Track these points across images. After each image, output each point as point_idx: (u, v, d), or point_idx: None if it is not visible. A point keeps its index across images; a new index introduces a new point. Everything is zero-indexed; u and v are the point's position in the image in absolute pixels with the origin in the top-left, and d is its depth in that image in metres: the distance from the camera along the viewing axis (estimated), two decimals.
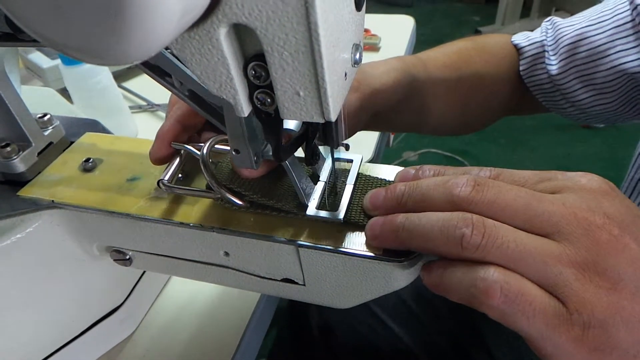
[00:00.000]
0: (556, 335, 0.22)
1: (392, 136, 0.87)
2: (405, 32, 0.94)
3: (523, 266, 0.22)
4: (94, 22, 0.14)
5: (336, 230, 0.29)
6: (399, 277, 0.29)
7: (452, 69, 0.52)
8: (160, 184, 0.32)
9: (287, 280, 0.32)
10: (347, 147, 0.31)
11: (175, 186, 0.32)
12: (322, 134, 0.27)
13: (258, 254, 0.31)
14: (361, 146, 0.64)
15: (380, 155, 0.69)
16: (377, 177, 0.32)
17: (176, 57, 0.24)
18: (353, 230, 0.29)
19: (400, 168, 0.32)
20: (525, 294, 0.22)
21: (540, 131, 1.99)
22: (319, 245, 0.28)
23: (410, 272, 0.28)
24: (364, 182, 0.31)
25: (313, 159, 0.28)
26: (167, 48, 0.23)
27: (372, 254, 0.28)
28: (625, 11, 0.47)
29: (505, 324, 0.23)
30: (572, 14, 0.54)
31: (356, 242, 0.28)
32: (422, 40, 1.01)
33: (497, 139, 1.99)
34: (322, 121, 0.21)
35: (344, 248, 0.28)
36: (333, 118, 0.21)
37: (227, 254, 0.32)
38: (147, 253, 0.36)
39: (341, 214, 0.29)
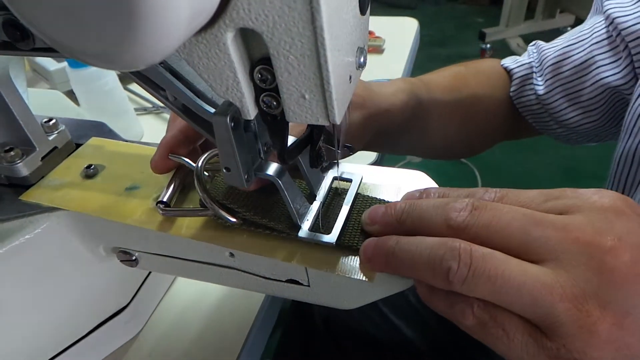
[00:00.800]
0: None
1: None
2: (409, 34, 0.94)
3: (512, 301, 0.21)
4: (108, 26, 0.14)
5: (329, 253, 0.29)
6: (401, 280, 0.29)
7: (452, 90, 0.53)
8: (158, 208, 0.32)
9: (292, 281, 0.33)
10: (351, 149, 0.32)
11: (171, 209, 0.32)
12: (328, 137, 0.28)
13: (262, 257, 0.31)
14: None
15: (385, 157, 0.69)
16: (376, 198, 0.31)
17: (172, 71, 0.24)
18: (347, 254, 0.29)
19: (399, 187, 0.32)
20: (506, 330, 0.21)
21: None
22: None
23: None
24: (362, 203, 0.31)
25: (318, 161, 0.29)
26: (161, 63, 0.23)
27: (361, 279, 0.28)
28: (602, 28, 0.48)
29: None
30: (576, 15, 0.55)
31: (350, 268, 0.28)
32: (426, 42, 1.01)
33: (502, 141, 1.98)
34: (327, 124, 0.21)
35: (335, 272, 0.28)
36: (338, 120, 0.21)
37: (232, 255, 0.33)
38: (153, 254, 0.36)
39: (334, 236, 0.28)
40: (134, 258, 0.37)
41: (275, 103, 0.22)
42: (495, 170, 1.83)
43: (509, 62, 0.57)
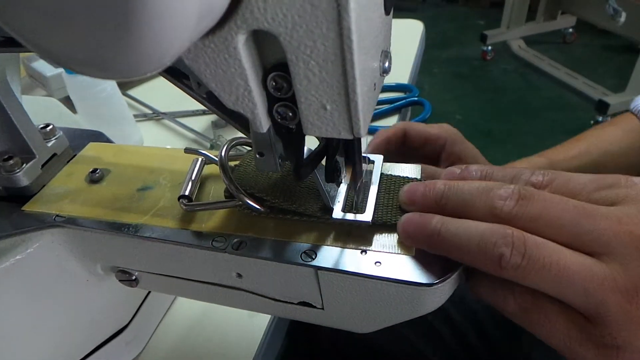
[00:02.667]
0: (582, 350, 0.21)
1: None
2: (415, 37, 0.92)
3: (562, 291, 0.21)
4: (100, 30, 0.12)
5: (364, 232, 0.27)
6: (426, 302, 0.26)
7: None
8: (181, 204, 0.30)
9: (304, 304, 0.30)
10: (371, 161, 0.30)
11: (195, 203, 0.30)
12: (343, 148, 0.25)
13: (273, 276, 0.29)
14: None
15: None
16: (400, 176, 0.30)
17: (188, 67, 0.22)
18: (382, 232, 0.27)
19: (418, 166, 0.31)
20: (548, 316, 0.21)
21: (549, 135, 1.97)
22: (340, 269, 0.26)
23: (439, 296, 0.26)
24: (388, 182, 0.30)
25: (335, 175, 0.26)
26: None
27: (397, 278, 0.25)
28: None
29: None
30: (578, 17, 0.54)
31: (386, 244, 0.26)
32: (427, 44, 0.98)
33: (505, 143, 1.96)
34: (350, 137, 0.19)
35: (367, 272, 0.26)
36: (363, 134, 0.19)
37: (239, 275, 0.30)
38: (154, 274, 0.33)
39: (369, 215, 0.27)
40: (133, 278, 0.34)
41: (291, 114, 0.19)
42: None
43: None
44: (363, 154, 0.31)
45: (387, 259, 0.26)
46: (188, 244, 0.29)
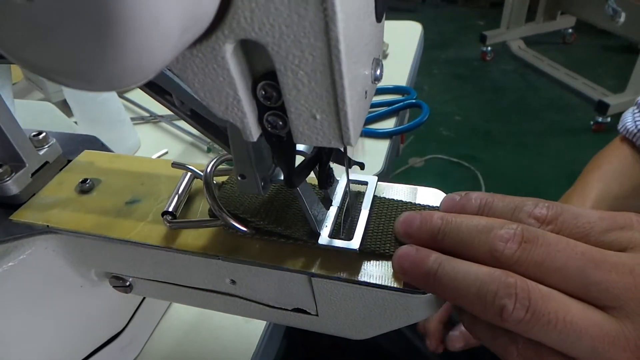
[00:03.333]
0: None
1: (401, 145, 0.84)
2: (413, 38, 0.92)
3: (569, 347, 0.20)
4: (81, 43, 0.12)
5: (351, 260, 0.26)
6: (420, 309, 0.26)
7: None
8: (165, 221, 0.29)
9: (298, 310, 0.30)
10: (362, 167, 0.29)
11: (178, 221, 0.30)
12: (336, 154, 0.25)
13: (267, 283, 0.29)
14: (371, 158, 0.62)
15: (391, 169, 0.67)
16: (394, 199, 0.29)
17: (177, 77, 0.22)
18: (370, 260, 0.26)
19: (414, 187, 0.30)
20: None
21: (549, 136, 1.97)
22: (334, 276, 0.26)
23: (432, 303, 0.26)
24: (380, 206, 0.29)
25: (327, 183, 0.26)
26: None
27: (390, 285, 0.25)
28: None
29: None
30: (577, 17, 0.54)
31: (374, 274, 0.26)
32: (427, 45, 0.98)
33: (505, 144, 1.96)
34: (341, 147, 0.19)
35: (360, 278, 0.26)
36: (353, 143, 0.18)
37: (233, 282, 0.30)
38: (148, 280, 0.33)
39: (356, 242, 0.26)
40: (127, 284, 0.34)
41: (281, 123, 0.19)
42: (498, 174, 1.81)
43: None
44: (355, 177, 0.30)
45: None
46: (180, 250, 0.29)
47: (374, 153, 0.63)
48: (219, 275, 0.30)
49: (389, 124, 0.68)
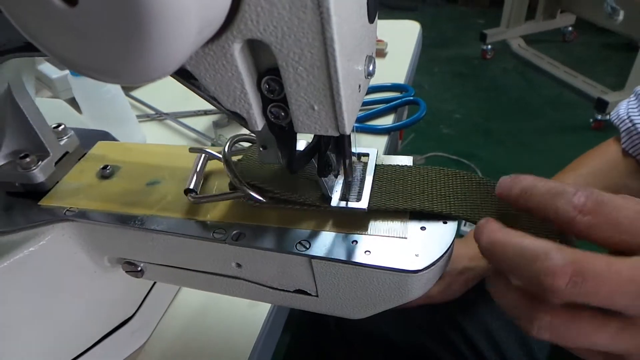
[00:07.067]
0: None
1: (399, 141, 0.86)
2: (412, 37, 0.94)
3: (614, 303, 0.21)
4: (114, 42, 0.14)
5: (360, 218, 0.30)
6: (413, 288, 0.28)
7: None
8: (189, 196, 0.32)
9: (299, 292, 0.32)
10: (359, 158, 0.31)
11: (202, 196, 0.33)
12: (335, 144, 0.27)
13: (270, 266, 0.31)
14: None
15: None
16: (391, 165, 0.33)
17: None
18: (377, 218, 0.29)
19: (409, 157, 0.33)
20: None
21: (548, 134, 1.98)
22: (332, 257, 0.28)
23: (425, 282, 0.28)
24: (381, 171, 0.32)
25: (326, 170, 0.28)
26: None
27: (384, 265, 0.27)
28: None
29: None
30: (577, 15, 0.55)
31: (381, 228, 0.29)
32: (427, 44, 1.00)
33: (504, 141, 1.98)
34: (336, 134, 0.21)
35: (357, 260, 0.28)
36: (348, 131, 0.21)
37: (239, 265, 0.32)
38: (159, 265, 0.35)
39: (364, 203, 0.29)
40: (139, 269, 0.36)
41: (283, 114, 0.21)
42: (498, 172, 1.82)
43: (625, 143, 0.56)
44: (358, 150, 0.33)
45: (377, 248, 0.28)
46: (190, 235, 0.31)
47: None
48: (225, 259, 0.32)
49: (387, 120, 0.70)
